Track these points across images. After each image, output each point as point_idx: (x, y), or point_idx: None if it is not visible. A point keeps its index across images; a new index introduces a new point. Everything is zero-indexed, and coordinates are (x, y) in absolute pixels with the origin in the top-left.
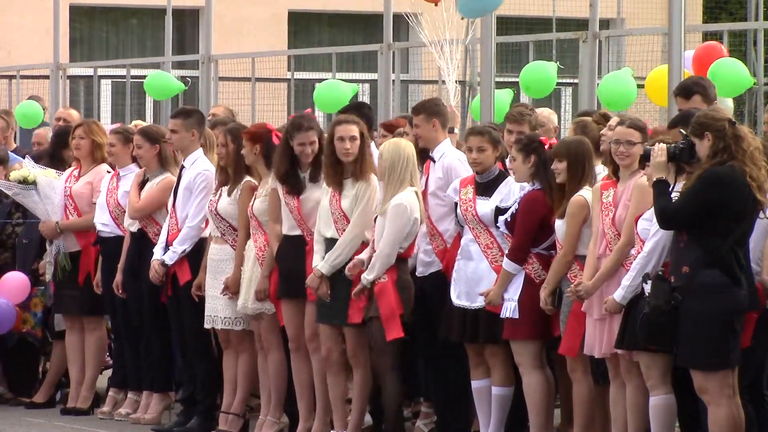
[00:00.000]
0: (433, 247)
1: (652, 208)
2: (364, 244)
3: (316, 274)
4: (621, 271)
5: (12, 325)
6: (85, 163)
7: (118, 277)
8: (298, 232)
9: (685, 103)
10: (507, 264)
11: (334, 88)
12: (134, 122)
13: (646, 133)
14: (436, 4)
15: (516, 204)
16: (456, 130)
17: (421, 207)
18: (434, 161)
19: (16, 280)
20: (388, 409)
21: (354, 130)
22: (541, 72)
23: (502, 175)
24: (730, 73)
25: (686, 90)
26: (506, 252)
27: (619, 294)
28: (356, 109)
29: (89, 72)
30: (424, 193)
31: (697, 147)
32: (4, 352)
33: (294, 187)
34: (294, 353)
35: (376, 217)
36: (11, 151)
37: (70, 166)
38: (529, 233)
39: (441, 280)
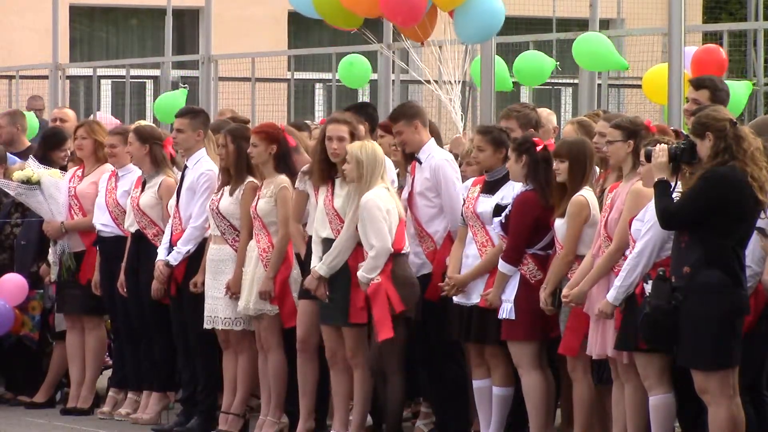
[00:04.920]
0: (423, 248)
1: (645, 209)
2: (360, 245)
3: (314, 276)
4: (612, 275)
5: (10, 327)
6: (89, 162)
7: (122, 278)
8: None
9: (693, 93)
10: (502, 265)
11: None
12: (137, 122)
13: (636, 132)
14: (422, 44)
15: (510, 205)
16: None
17: (397, 202)
18: (420, 162)
19: (14, 281)
20: (391, 410)
21: (343, 130)
22: (535, 61)
23: (509, 175)
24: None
25: (699, 81)
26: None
27: (612, 295)
28: (360, 109)
29: (89, 72)
30: (411, 194)
31: (698, 147)
32: (2, 353)
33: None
34: (300, 354)
35: None
36: (25, 150)
37: (63, 168)
38: (523, 234)
39: (433, 282)
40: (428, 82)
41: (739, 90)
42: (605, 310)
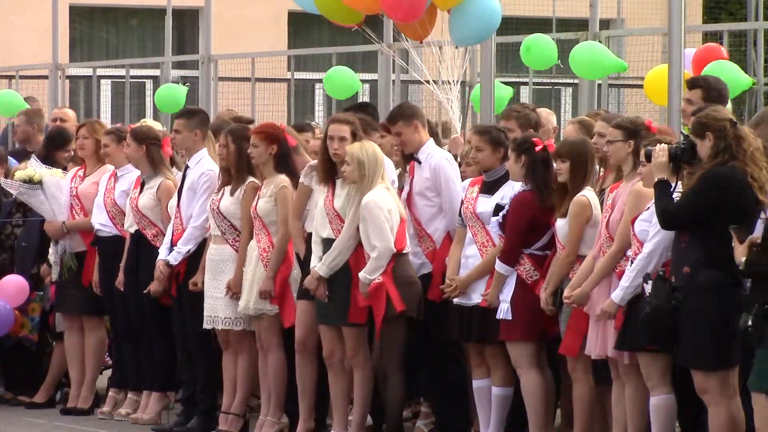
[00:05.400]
0: (422, 248)
1: (649, 209)
2: (360, 246)
3: (314, 276)
4: (614, 275)
5: (9, 328)
6: (90, 162)
7: (121, 276)
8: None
9: (687, 93)
10: (499, 265)
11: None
12: (142, 121)
13: (637, 132)
14: (421, 42)
15: (508, 205)
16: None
17: (398, 201)
18: (419, 162)
19: (15, 282)
20: (391, 410)
21: (345, 130)
22: (543, 46)
23: (508, 175)
24: (725, 77)
25: (693, 81)
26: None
27: (618, 295)
28: (360, 109)
29: (89, 72)
30: (410, 194)
31: (698, 147)
32: (2, 354)
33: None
34: (299, 354)
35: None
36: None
37: (64, 169)
38: (520, 235)
39: (433, 282)
40: (428, 82)
41: (739, 77)
42: (609, 310)
